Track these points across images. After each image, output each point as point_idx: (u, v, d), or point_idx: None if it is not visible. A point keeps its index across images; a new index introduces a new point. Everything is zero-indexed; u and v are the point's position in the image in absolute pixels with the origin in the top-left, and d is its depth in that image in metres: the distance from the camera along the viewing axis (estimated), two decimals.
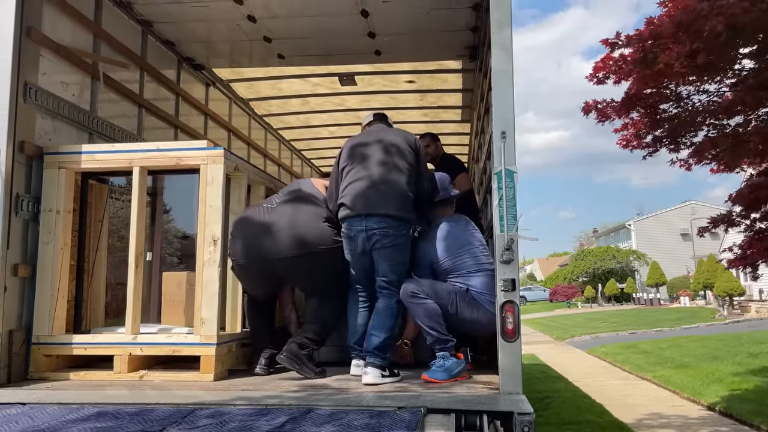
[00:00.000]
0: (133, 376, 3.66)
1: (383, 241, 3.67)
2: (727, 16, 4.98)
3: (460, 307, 3.69)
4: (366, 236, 3.66)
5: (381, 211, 3.65)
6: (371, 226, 3.65)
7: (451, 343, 3.66)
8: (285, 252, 3.75)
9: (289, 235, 3.77)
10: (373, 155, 3.82)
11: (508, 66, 3.36)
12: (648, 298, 37.92)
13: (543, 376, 12.18)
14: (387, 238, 3.66)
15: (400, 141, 3.89)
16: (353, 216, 3.70)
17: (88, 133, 4.42)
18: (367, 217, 3.66)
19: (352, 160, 3.87)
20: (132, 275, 3.75)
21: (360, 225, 3.67)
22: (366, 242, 3.68)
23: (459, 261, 3.85)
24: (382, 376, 3.50)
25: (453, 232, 3.96)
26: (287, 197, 4.08)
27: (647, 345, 16.18)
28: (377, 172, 3.74)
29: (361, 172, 3.77)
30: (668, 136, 7.07)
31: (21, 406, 2.92)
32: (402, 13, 5.04)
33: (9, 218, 3.56)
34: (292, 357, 3.68)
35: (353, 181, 3.77)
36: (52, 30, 4.05)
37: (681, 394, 9.74)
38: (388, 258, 3.71)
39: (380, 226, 3.65)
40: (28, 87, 3.75)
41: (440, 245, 3.89)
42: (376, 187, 3.70)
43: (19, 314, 3.68)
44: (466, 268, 3.83)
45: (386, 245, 3.68)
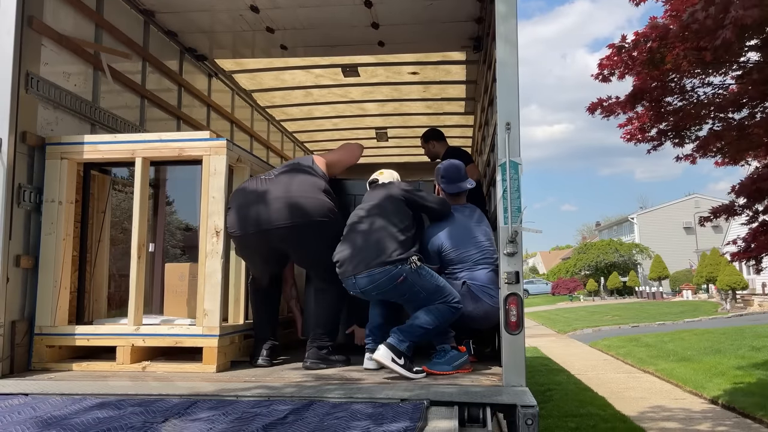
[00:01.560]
0: (136, 367, 3.66)
1: (392, 296, 3.60)
2: (736, 25, 4.94)
3: None
4: (369, 296, 3.65)
5: (367, 268, 3.50)
6: (363, 286, 3.54)
7: (450, 334, 3.65)
8: (280, 221, 3.71)
9: (284, 205, 3.72)
10: (358, 217, 3.77)
11: (513, 57, 3.33)
12: (650, 292, 37.90)
13: (545, 368, 12.19)
14: (380, 288, 3.51)
15: (388, 193, 3.82)
16: (344, 278, 3.62)
17: (90, 123, 4.41)
18: (356, 276, 3.53)
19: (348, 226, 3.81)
20: (134, 266, 3.75)
21: (354, 288, 3.60)
22: (375, 297, 3.67)
23: (465, 252, 3.84)
24: (393, 360, 3.30)
25: (463, 222, 3.95)
26: (285, 168, 4.05)
27: (649, 338, 16.19)
28: (361, 232, 3.66)
29: (348, 234, 3.72)
30: (673, 129, 7.04)
31: (24, 397, 2.92)
32: (406, 3, 5.00)
33: (11, 209, 3.55)
34: (316, 360, 3.77)
35: (342, 243, 3.72)
36: (53, 19, 4.02)
37: (683, 387, 9.74)
38: (415, 300, 3.56)
39: (370, 283, 3.50)
40: (29, 77, 3.73)
41: (449, 234, 3.88)
42: (358, 245, 3.60)
43: (21, 305, 3.68)
44: (471, 260, 3.82)
45: (401, 298, 3.62)
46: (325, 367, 3.74)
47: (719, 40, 5.08)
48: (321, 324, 3.92)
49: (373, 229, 3.62)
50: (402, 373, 3.29)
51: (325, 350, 3.84)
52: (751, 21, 4.92)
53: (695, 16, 5.13)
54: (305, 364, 3.76)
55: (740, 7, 4.93)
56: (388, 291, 3.52)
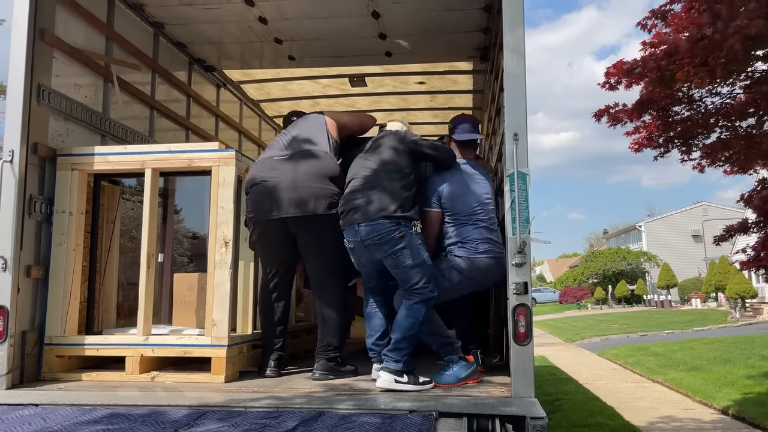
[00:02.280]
0: (145, 377, 3.67)
1: (383, 249, 3.52)
2: (742, 35, 4.96)
3: (452, 276, 3.70)
4: (363, 246, 3.58)
5: (370, 219, 3.53)
6: (362, 236, 3.54)
7: (456, 345, 3.63)
8: (290, 212, 3.74)
9: (291, 194, 3.75)
10: (364, 168, 3.76)
11: (521, 67, 3.34)
12: (659, 300, 37.66)
13: (553, 378, 12.13)
14: (383, 244, 3.51)
15: (389, 142, 3.82)
16: (346, 226, 3.63)
17: (100, 134, 4.45)
18: (359, 224, 3.55)
19: (352, 172, 3.83)
20: (144, 276, 3.77)
21: (354, 236, 3.59)
22: (366, 252, 3.60)
23: (464, 202, 3.83)
24: (396, 381, 3.31)
25: (468, 173, 3.94)
26: (295, 141, 4.02)
27: (658, 347, 16.08)
28: (366, 180, 3.67)
29: (354, 183, 3.72)
30: (680, 137, 7.02)
31: (34, 407, 2.93)
32: (413, 14, 5.03)
33: (22, 220, 3.58)
34: (325, 372, 3.75)
35: (346, 192, 3.73)
36: (65, 32, 4.07)
37: (693, 397, 9.66)
38: (393, 265, 3.56)
39: (372, 232, 3.51)
40: (41, 89, 3.77)
41: (451, 182, 3.87)
42: (364, 195, 3.61)
43: (32, 315, 3.71)
44: (468, 211, 3.81)
45: (387, 253, 3.53)
46: (333, 378, 3.72)
47: (725, 50, 5.10)
48: (329, 333, 3.88)
49: (377, 182, 3.62)
50: (410, 390, 3.30)
51: (334, 362, 3.82)
52: (756, 31, 4.94)
53: (703, 31, 5.16)
54: (314, 375, 3.75)
55: (745, 18, 4.95)
56: (384, 243, 3.49)
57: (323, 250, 3.87)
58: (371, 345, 3.73)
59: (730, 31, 4.98)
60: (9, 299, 3.46)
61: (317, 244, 3.86)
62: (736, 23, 4.96)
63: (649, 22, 6.30)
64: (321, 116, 4.23)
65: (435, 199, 3.86)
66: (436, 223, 3.86)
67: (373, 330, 3.76)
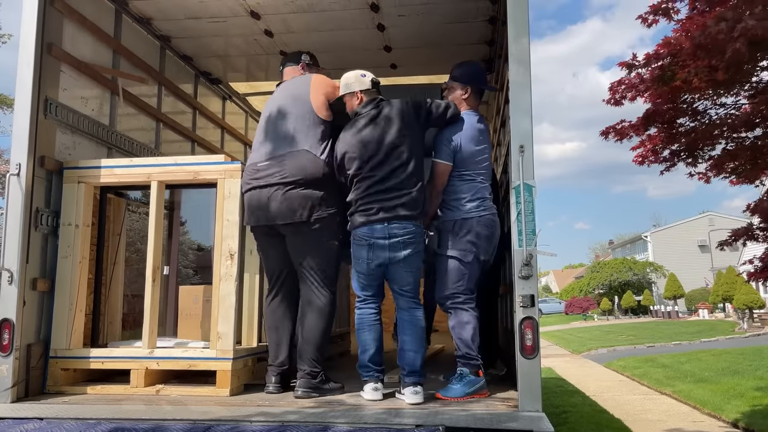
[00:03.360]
0: (150, 391, 3.66)
1: (404, 249, 3.44)
2: (748, 37, 4.92)
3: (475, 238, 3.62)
4: (386, 246, 3.45)
5: (397, 214, 3.43)
6: (392, 233, 3.43)
7: (477, 362, 3.53)
8: (278, 219, 3.62)
9: (278, 199, 3.60)
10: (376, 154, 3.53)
11: (526, 79, 3.34)
12: (666, 311, 37.43)
13: (560, 390, 12.03)
14: (408, 245, 3.45)
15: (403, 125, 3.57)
16: (371, 223, 3.47)
17: (107, 147, 4.47)
18: (385, 222, 3.44)
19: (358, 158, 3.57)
20: (149, 289, 3.76)
21: (380, 234, 3.45)
22: (385, 252, 3.46)
23: (472, 161, 3.69)
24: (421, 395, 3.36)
25: (479, 131, 3.77)
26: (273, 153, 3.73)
27: (666, 359, 15.94)
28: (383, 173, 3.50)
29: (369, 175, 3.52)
30: (686, 150, 7.00)
31: (38, 421, 2.93)
32: (418, 27, 5.05)
33: (28, 232, 3.59)
34: (308, 390, 3.57)
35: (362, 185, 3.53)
36: (72, 46, 4.11)
37: (701, 409, 9.56)
38: (408, 266, 3.50)
39: (400, 232, 3.43)
40: (48, 102, 3.80)
41: (465, 137, 3.69)
42: (391, 190, 3.47)
43: (37, 328, 3.70)
44: (474, 171, 3.70)
45: (408, 253, 3.46)
46: (317, 396, 3.54)
47: (729, 52, 5.05)
48: (311, 347, 3.65)
49: (403, 173, 3.47)
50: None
51: (318, 378, 3.63)
52: (762, 32, 4.88)
53: (708, 31, 5.12)
54: (296, 393, 3.55)
55: (752, 19, 4.90)
56: (412, 243, 3.45)
57: (308, 257, 3.68)
58: (366, 362, 3.51)
59: (735, 34, 4.95)
60: (15, 312, 3.46)
61: (303, 252, 3.68)
62: (742, 25, 4.91)
63: (650, 18, 6.23)
64: (307, 97, 3.80)
65: (449, 152, 3.65)
66: (445, 176, 3.68)
67: (367, 345, 3.53)
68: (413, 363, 3.43)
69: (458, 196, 3.66)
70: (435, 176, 3.68)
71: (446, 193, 3.70)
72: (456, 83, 3.86)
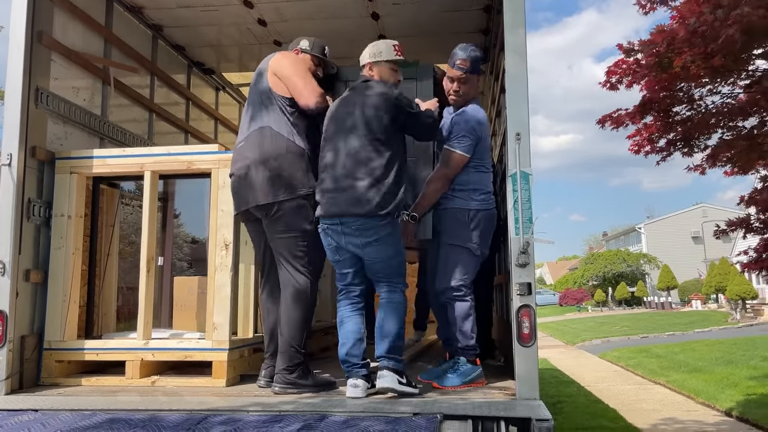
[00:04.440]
0: (145, 382, 3.64)
1: (365, 239, 3.24)
2: (743, 24, 4.91)
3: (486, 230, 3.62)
4: (345, 239, 3.28)
5: (353, 212, 3.22)
6: (346, 230, 3.25)
7: (475, 352, 3.50)
8: (254, 201, 3.45)
9: (251, 181, 3.43)
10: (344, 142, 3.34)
11: (522, 67, 3.31)
12: (659, 302, 37.65)
13: (555, 380, 12.08)
14: (364, 232, 3.23)
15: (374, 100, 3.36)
16: (325, 217, 3.31)
17: (99, 137, 4.42)
18: (341, 217, 3.24)
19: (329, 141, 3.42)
20: (143, 280, 3.74)
21: (335, 227, 3.28)
22: (344, 241, 3.29)
23: (483, 150, 3.65)
24: (399, 382, 3.15)
25: (485, 118, 3.74)
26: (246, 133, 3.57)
27: (660, 349, 16.03)
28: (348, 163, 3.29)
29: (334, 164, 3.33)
30: (682, 139, 7.00)
31: (33, 413, 2.90)
32: (412, 15, 5.02)
33: (21, 223, 3.55)
34: (285, 385, 3.34)
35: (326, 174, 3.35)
36: (63, 35, 4.05)
37: (695, 399, 9.61)
38: (377, 255, 3.29)
39: (356, 226, 3.22)
40: (39, 92, 3.75)
41: (484, 126, 3.67)
42: (347, 183, 3.26)
43: (30, 320, 3.67)
44: (482, 161, 3.66)
45: (369, 242, 3.25)
46: (295, 392, 3.30)
47: (722, 37, 5.04)
48: (286, 339, 3.41)
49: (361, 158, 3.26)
50: (408, 392, 3.17)
51: (295, 373, 3.37)
52: (757, 19, 4.86)
53: (703, 18, 5.10)
54: (273, 389, 3.35)
55: (747, 6, 4.89)
56: (367, 229, 3.22)
57: (281, 242, 3.47)
58: (345, 356, 3.29)
59: (729, 21, 4.93)
60: (8, 304, 3.43)
61: (274, 236, 3.49)
62: (736, 12, 4.90)
63: (647, 5, 6.19)
64: (266, 73, 3.62)
65: (470, 143, 3.56)
66: (460, 167, 3.60)
67: (346, 338, 3.33)
68: (383, 348, 3.22)
69: (471, 186, 3.61)
70: (449, 166, 3.59)
71: (457, 183, 3.61)
72: (474, 75, 3.72)
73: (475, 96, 3.82)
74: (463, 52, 3.69)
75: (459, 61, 3.68)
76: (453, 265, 3.55)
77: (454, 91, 3.73)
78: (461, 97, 3.73)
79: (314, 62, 3.81)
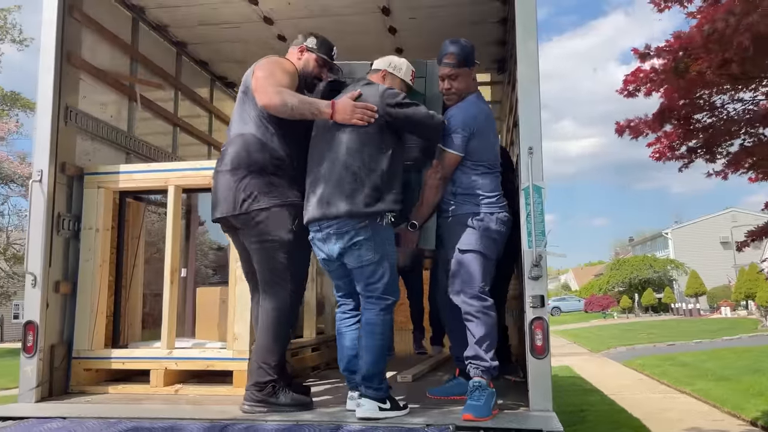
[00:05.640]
0: (169, 390, 3.75)
1: (342, 243, 3.07)
2: (753, 33, 4.89)
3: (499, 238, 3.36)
4: (327, 246, 3.13)
5: (328, 214, 3.06)
6: (325, 236, 3.11)
7: (495, 374, 3.20)
8: (222, 212, 3.30)
9: (223, 191, 3.29)
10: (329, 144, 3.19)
11: (534, 82, 3.36)
12: (687, 309, 36.98)
13: (578, 388, 11.98)
14: (341, 237, 3.06)
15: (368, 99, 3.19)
16: (309, 223, 3.17)
17: (125, 152, 4.57)
18: (319, 221, 3.11)
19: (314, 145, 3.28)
20: (167, 291, 3.85)
21: (317, 234, 3.15)
22: (327, 248, 3.13)
23: (486, 150, 3.41)
24: (380, 409, 2.97)
25: (488, 114, 3.54)
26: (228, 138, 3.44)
27: (686, 357, 15.77)
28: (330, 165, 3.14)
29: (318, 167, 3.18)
30: (703, 146, 6.95)
31: (62, 420, 3.01)
32: (429, 28, 5.08)
33: (51, 237, 3.69)
34: (253, 404, 3.14)
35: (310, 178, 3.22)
36: (91, 54, 4.21)
37: (721, 408, 9.46)
38: (355, 262, 3.09)
39: (333, 230, 3.07)
40: (69, 110, 3.90)
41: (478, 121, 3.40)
42: (328, 186, 3.10)
43: (60, 330, 3.81)
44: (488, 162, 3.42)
45: (347, 248, 3.07)
46: (265, 411, 3.08)
47: (734, 45, 5.02)
48: (257, 355, 3.24)
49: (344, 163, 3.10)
50: (394, 416, 2.99)
51: (265, 391, 3.15)
52: (765, 28, 4.84)
53: (716, 25, 5.09)
54: (242, 407, 3.16)
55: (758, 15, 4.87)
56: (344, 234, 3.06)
57: (255, 254, 3.31)
58: (343, 371, 3.24)
59: (741, 29, 4.91)
60: (38, 314, 3.57)
61: (250, 247, 3.32)
62: (748, 20, 4.88)
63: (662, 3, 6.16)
64: (250, 77, 3.42)
65: (461, 141, 3.32)
66: (453, 168, 3.36)
67: (342, 352, 3.24)
68: (360, 373, 3.07)
69: (474, 190, 3.34)
70: (441, 166, 3.34)
71: (459, 187, 3.37)
72: (464, 69, 3.47)
73: (472, 90, 3.54)
74: (448, 47, 3.48)
75: (445, 57, 3.46)
76: (465, 274, 3.26)
77: (446, 89, 3.49)
78: (456, 94, 3.48)
79: (318, 63, 3.55)
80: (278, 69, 3.34)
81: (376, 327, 3.09)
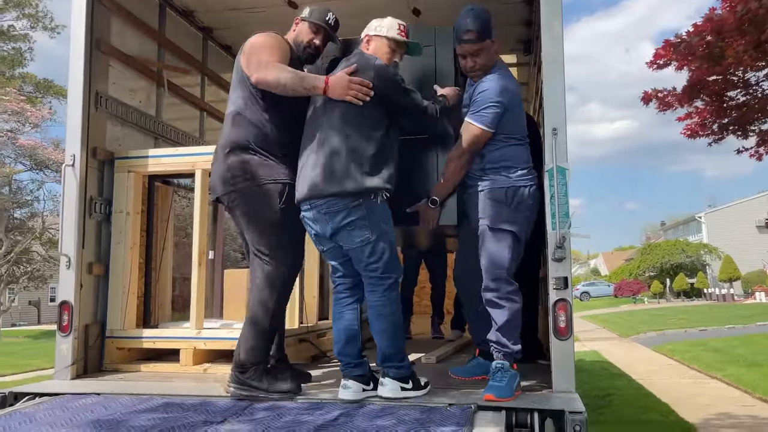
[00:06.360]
0: (198, 369, 3.85)
1: (334, 223, 2.99)
2: None
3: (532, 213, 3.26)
4: (319, 226, 3.06)
5: (320, 192, 2.98)
6: (317, 215, 3.03)
7: (519, 357, 3.17)
8: (215, 192, 3.29)
9: (214, 175, 3.28)
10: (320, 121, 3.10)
11: (559, 64, 3.32)
12: (720, 294, 36.30)
13: (605, 373, 11.90)
14: (336, 217, 2.98)
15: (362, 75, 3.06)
16: (300, 202, 3.09)
17: (153, 137, 4.66)
18: (310, 200, 3.03)
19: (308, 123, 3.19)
20: (195, 273, 3.94)
21: (308, 212, 3.07)
22: (319, 228, 3.06)
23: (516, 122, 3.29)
24: (402, 389, 2.99)
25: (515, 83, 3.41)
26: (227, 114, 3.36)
27: (718, 342, 15.53)
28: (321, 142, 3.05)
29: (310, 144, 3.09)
30: (736, 123, 6.80)
31: (96, 396, 3.13)
32: (454, 8, 5.03)
33: (84, 220, 3.80)
34: (239, 387, 3.07)
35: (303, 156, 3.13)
36: (120, 41, 4.28)
37: (752, 393, 9.32)
38: (350, 242, 3.02)
39: (324, 209, 2.99)
40: (99, 96, 3.99)
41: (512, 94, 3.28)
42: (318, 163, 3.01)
43: (93, 310, 3.94)
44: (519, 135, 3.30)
45: (340, 227, 2.99)
46: (246, 394, 3.04)
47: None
48: (243, 336, 3.16)
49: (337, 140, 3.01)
50: (415, 396, 3.01)
51: (248, 373, 3.07)
52: None
53: (749, 5, 4.96)
54: (228, 388, 3.10)
55: None
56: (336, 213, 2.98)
57: (247, 233, 3.24)
58: (337, 355, 3.13)
59: None
60: (73, 295, 3.69)
61: (241, 227, 3.30)
62: None
63: None
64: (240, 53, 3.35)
65: (495, 117, 3.16)
66: (482, 143, 3.22)
67: (338, 336, 3.13)
68: (380, 357, 3.06)
69: (505, 163, 3.21)
70: (469, 141, 3.19)
71: (489, 161, 3.22)
72: (486, 42, 3.27)
73: (496, 62, 3.36)
74: (466, 22, 3.25)
75: (465, 34, 3.24)
76: (494, 254, 3.13)
77: (470, 68, 3.30)
78: (481, 70, 3.28)
79: (311, 30, 3.38)
80: (269, 44, 3.25)
81: (384, 308, 3.03)
